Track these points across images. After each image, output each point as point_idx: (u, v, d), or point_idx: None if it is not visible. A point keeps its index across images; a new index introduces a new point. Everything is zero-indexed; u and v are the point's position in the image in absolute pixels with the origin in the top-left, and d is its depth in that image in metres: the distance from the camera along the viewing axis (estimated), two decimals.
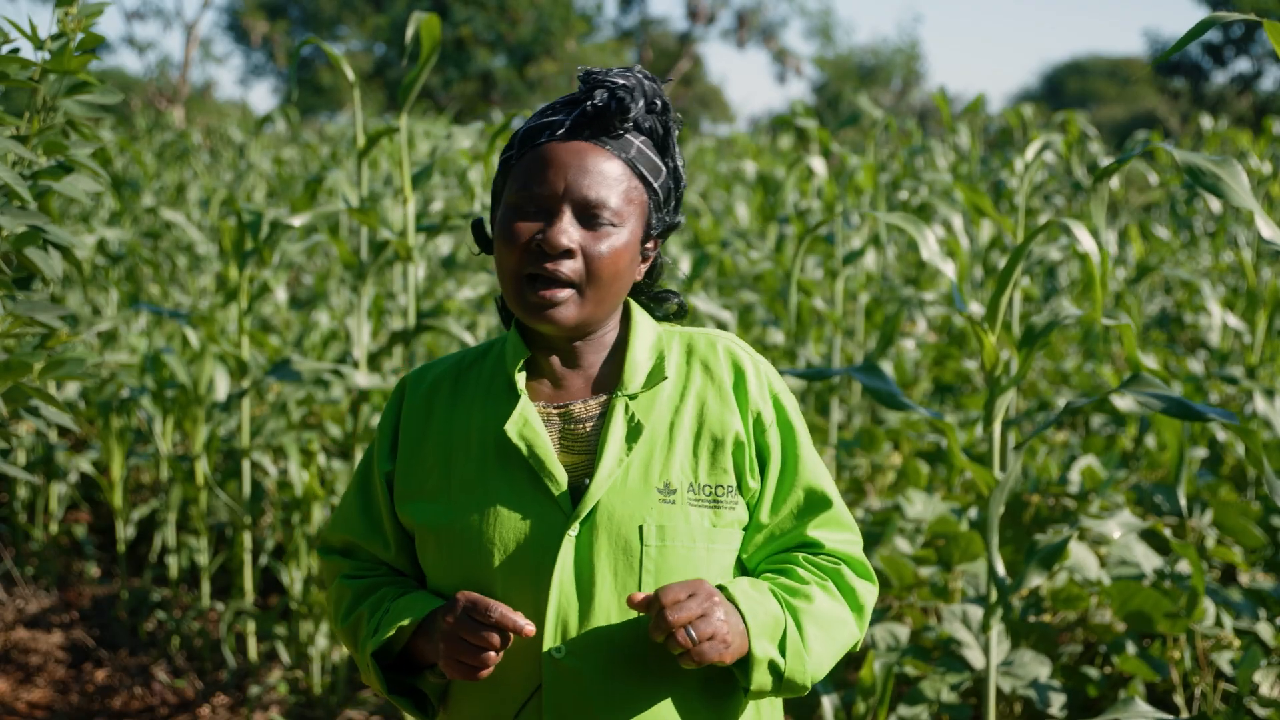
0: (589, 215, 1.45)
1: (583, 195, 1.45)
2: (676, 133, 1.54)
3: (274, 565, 4.24)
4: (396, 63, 29.86)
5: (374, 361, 3.78)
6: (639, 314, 1.57)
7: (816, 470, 1.56)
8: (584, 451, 1.50)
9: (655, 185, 1.51)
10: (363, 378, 3.34)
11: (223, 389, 4.09)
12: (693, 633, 1.35)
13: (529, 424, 1.49)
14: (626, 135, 1.48)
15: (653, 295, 1.63)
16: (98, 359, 4.63)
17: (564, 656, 1.43)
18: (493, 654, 1.40)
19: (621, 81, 1.47)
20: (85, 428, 5.52)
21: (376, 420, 4.24)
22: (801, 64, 39.72)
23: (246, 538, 3.83)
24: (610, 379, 1.54)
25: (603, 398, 1.53)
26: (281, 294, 4.68)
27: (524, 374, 1.53)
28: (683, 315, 1.65)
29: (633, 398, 1.51)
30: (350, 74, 3.21)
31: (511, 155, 1.50)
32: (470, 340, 3.23)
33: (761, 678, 1.44)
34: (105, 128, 8.16)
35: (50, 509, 4.83)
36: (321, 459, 4.31)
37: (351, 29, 32.09)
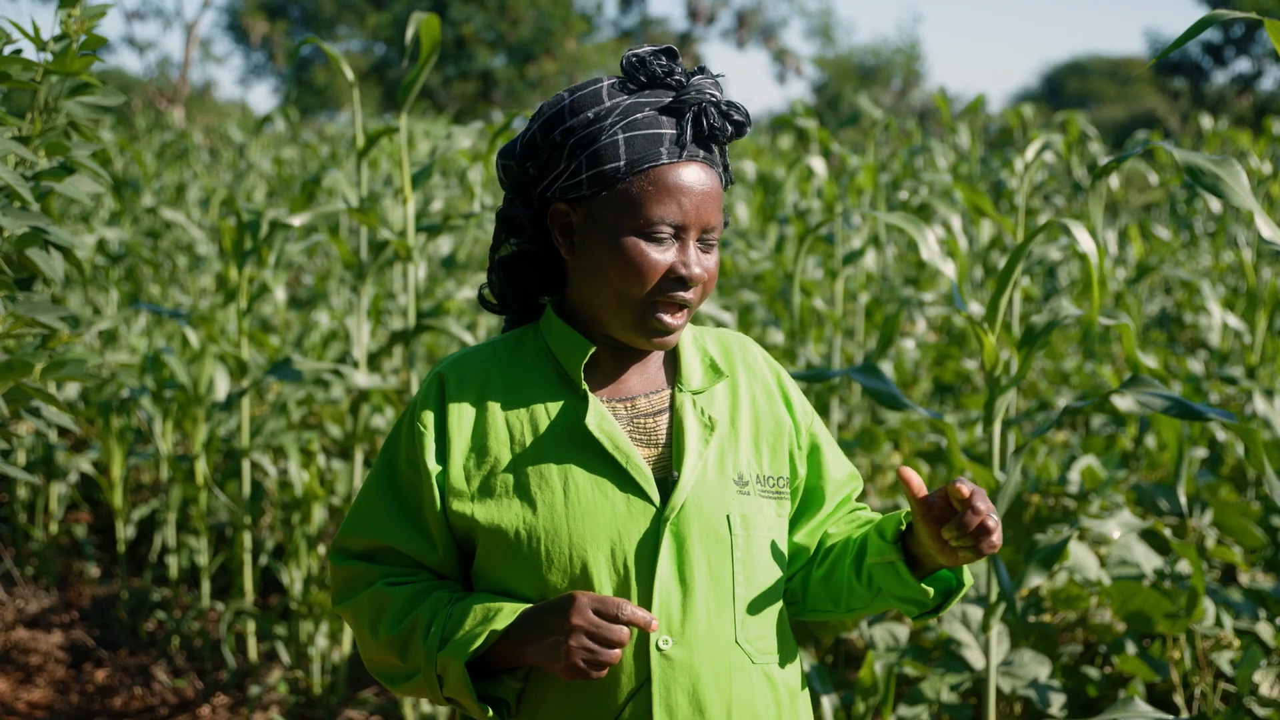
0: (705, 239, 1.49)
1: (707, 221, 1.48)
2: None
3: (274, 565, 4.24)
4: (396, 62, 29.87)
5: (374, 361, 3.78)
6: None
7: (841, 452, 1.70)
8: (653, 445, 1.52)
9: (725, 188, 1.54)
10: (363, 378, 3.34)
11: (223, 389, 4.09)
12: (994, 523, 1.40)
13: (606, 418, 1.49)
14: (715, 149, 1.50)
15: None
16: (98, 359, 4.63)
17: (671, 648, 1.45)
18: (618, 651, 1.38)
19: (720, 95, 1.48)
20: (85, 428, 5.52)
21: (376, 420, 4.26)
22: (801, 64, 39.73)
23: (246, 538, 3.83)
24: (663, 374, 1.57)
25: (665, 392, 1.55)
26: (281, 294, 4.67)
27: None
28: None
29: (697, 393, 1.55)
30: (349, 74, 3.21)
31: (618, 170, 1.44)
32: (470, 340, 3.23)
33: (969, 576, 1.54)
34: (105, 128, 8.16)
35: (50, 509, 4.83)
36: (321, 459, 4.32)
37: (351, 29, 32.10)
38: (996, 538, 1.39)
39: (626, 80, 1.49)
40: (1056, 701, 2.77)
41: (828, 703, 2.79)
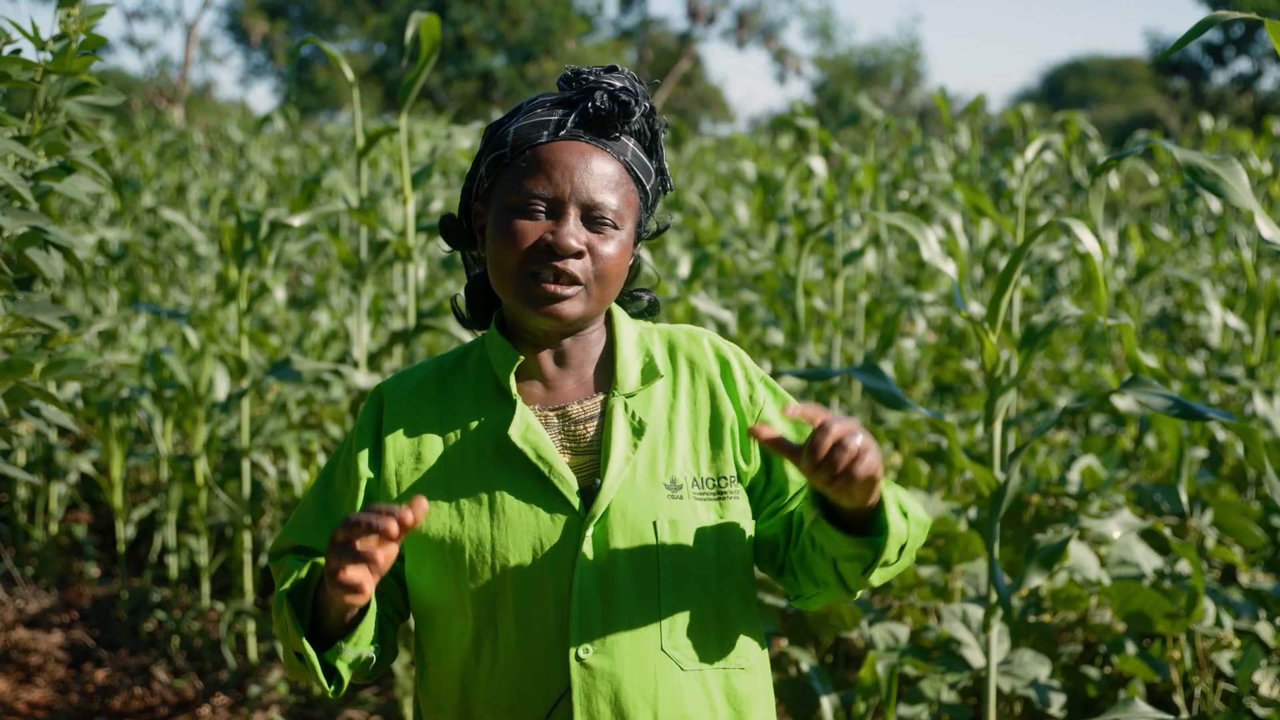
0: (593, 217, 1.46)
1: (589, 197, 1.46)
2: (663, 136, 1.55)
3: None
4: (396, 62, 29.87)
5: (374, 361, 3.78)
6: (620, 313, 1.59)
7: None
8: (586, 452, 1.51)
9: (646, 188, 1.53)
10: (363, 378, 3.34)
11: (223, 389, 4.09)
12: (858, 441, 1.27)
13: (530, 427, 1.49)
14: (621, 138, 1.50)
15: (627, 293, 1.64)
16: (98, 359, 4.63)
17: (591, 656, 1.43)
18: (379, 555, 1.31)
19: (619, 84, 1.48)
20: (85, 428, 5.52)
21: None
22: (801, 64, 39.73)
23: (246, 538, 3.83)
24: (601, 379, 1.55)
25: (599, 398, 1.54)
26: (281, 294, 4.68)
27: (513, 377, 1.52)
28: (655, 311, 1.66)
29: (630, 396, 1.52)
30: (349, 74, 3.21)
31: (504, 154, 1.49)
32: (469, 339, 3.24)
33: (896, 519, 1.39)
34: (105, 128, 8.16)
35: (50, 509, 4.83)
36: (321, 459, 4.31)
37: (351, 29, 32.11)
38: (864, 463, 1.27)
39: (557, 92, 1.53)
40: (1056, 701, 2.77)
41: (828, 703, 2.78)
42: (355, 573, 1.31)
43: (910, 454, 4.44)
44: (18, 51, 2.00)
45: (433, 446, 1.52)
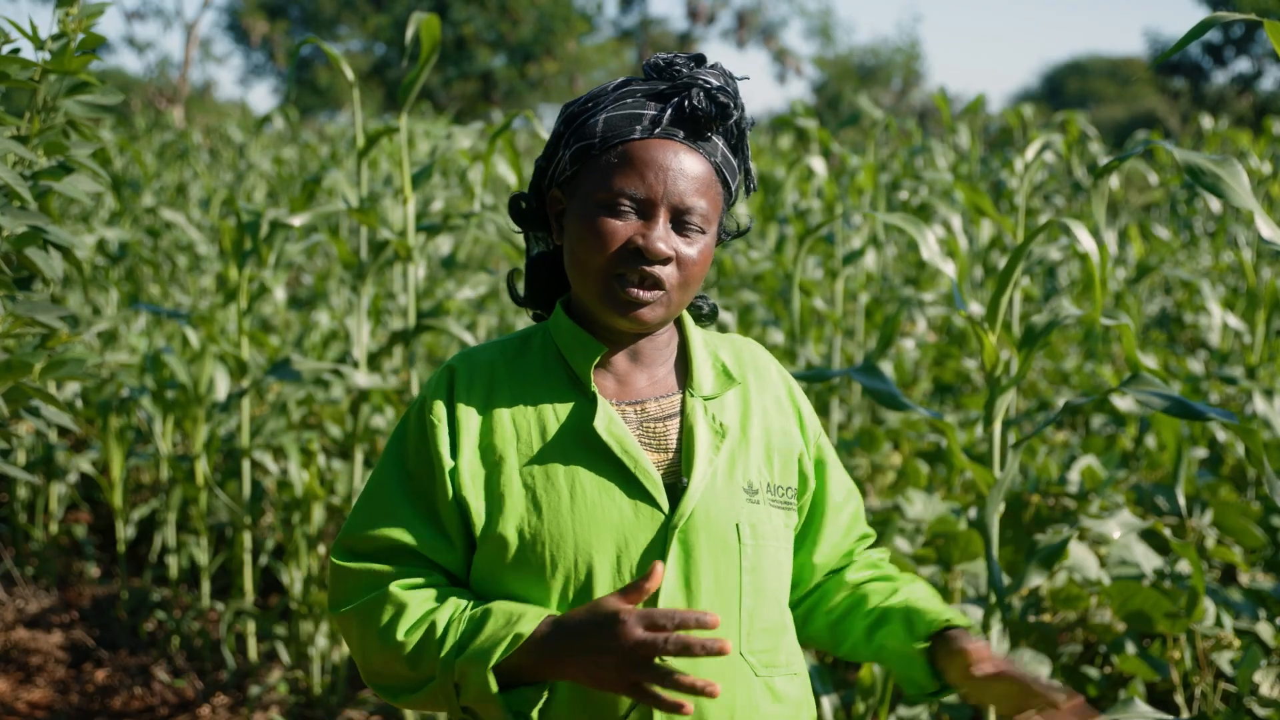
0: (681, 221, 1.45)
1: (680, 201, 1.44)
2: (749, 134, 1.53)
3: (274, 565, 4.24)
4: (396, 62, 29.88)
5: (374, 361, 3.78)
6: (687, 316, 1.59)
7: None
8: (662, 450, 1.49)
9: (732, 188, 1.52)
10: (363, 378, 3.34)
11: (223, 389, 4.09)
12: None
13: (615, 420, 1.46)
14: (713, 138, 1.47)
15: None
16: (98, 359, 4.63)
17: (673, 658, 1.40)
18: (693, 678, 1.31)
19: (715, 82, 1.45)
20: (85, 428, 5.52)
21: (376, 420, 4.25)
22: (801, 64, 39.75)
23: (246, 538, 3.83)
24: (674, 378, 1.54)
25: (675, 397, 1.52)
26: (281, 294, 4.67)
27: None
28: (714, 317, 1.65)
29: (708, 399, 1.52)
30: (349, 74, 3.21)
31: (592, 145, 1.44)
32: (470, 340, 3.23)
33: None
34: (105, 127, 8.16)
35: (50, 509, 4.83)
36: (321, 459, 4.31)
37: (351, 29, 32.11)
38: None
39: (642, 77, 1.49)
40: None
41: (828, 703, 2.78)
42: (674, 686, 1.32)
43: (910, 454, 4.43)
44: (17, 51, 2.00)
45: (506, 435, 1.46)
